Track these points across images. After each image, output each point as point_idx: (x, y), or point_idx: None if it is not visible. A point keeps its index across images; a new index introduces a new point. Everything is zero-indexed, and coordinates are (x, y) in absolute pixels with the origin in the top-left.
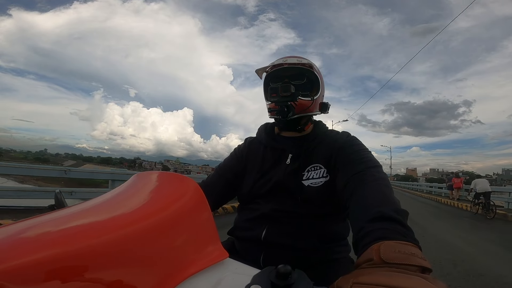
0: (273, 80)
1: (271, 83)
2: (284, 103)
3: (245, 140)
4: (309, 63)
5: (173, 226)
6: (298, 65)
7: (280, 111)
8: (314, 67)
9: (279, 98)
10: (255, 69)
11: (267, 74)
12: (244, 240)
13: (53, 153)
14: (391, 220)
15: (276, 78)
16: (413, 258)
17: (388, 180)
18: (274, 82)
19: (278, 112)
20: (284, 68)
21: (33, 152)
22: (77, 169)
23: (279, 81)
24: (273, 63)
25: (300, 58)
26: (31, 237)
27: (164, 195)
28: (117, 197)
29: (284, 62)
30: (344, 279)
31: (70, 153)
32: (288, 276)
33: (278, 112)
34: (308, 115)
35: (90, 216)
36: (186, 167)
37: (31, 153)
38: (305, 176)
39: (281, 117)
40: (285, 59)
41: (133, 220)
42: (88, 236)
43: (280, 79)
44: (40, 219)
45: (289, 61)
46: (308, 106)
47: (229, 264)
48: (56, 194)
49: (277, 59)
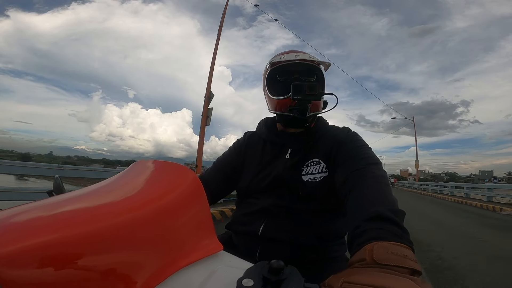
0: (281, 74)
1: (279, 77)
2: (308, 101)
3: (244, 134)
4: (319, 61)
5: (169, 216)
6: (309, 62)
7: (302, 109)
8: (321, 65)
9: (304, 96)
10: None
11: (273, 68)
12: (241, 234)
13: (80, 156)
14: (387, 221)
15: (285, 73)
16: (404, 260)
17: (387, 178)
18: (283, 76)
19: (296, 110)
20: (295, 63)
21: (63, 157)
22: (105, 169)
23: (289, 76)
24: (283, 57)
25: (308, 54)
26: (27, 222)
27: (161, 183)
28: (115, 184)
29: (296, 57)
30: (335, 278)
31: (71, 155)
32: (281, 272)
33: (296, 109)
34: (317, 113)
35: (86, 203)
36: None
37: (60, 157)
38: (304, 171)
39: (300, 115)
40: (297, 54)
41: (129, 207)
42: (83, 222)
43: (289, 74)
44: (37, 204)
45: (302, 57)
46: (319, 105)
47: (223, 257)
48: (55, 179)
49: (287, 52)
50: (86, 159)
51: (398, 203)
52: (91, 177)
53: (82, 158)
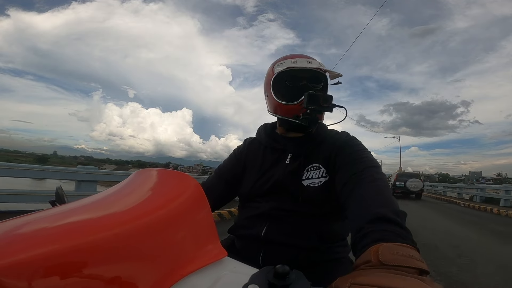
0: (290, 79)
1: (288, 82)
2: (319, 112)
3: (244, 141)
4: (325, 69)
5: (173, 224)
6: (318, 70)
7: (312, 119)
8: (328, 73)
9: (317, 107)
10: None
11: (282, 70)
12: (244, 238)
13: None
14: (390, 222)
15: (293, 78)
16: (411, 260)
17: (387, 181)
18: (291, 81)
19: (305, 119)
20: (305, 69)
21: (79, 157)
22: (122, 173)
23: (298, 81)
24: (295, 61)
25: (318, 61)
26: (30, 232)
27: (164, 192)
28: (117, 193)
29: (308, 64)
30: (342, 280)
31: (70, 155)
32: (286, 276)
33: (305, 119)
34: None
35: (89, 212)
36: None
37: (77, 158)
38: (305, 176)
39: (309, 124)
40: (309, 61)
41: (132, 216)
42: (87, 232)
43: (298, 80)
44: (40, 214)
45: (313, 65)
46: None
47: (227, 263)
48: (57, 189)
49: (297, 57)
50: (101, 160)
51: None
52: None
53: (97, 159)
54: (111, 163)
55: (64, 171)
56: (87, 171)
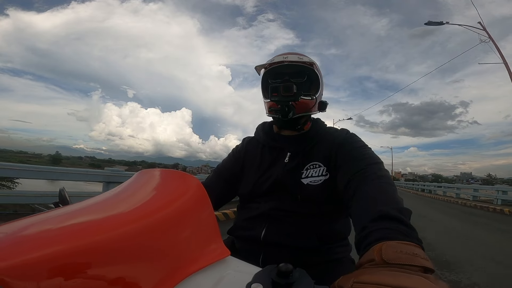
0: (272, 77)
1: (270, 80)
2: (285, 102)
3: (242, 140)
4: (310, 61)
5: (176, 224)
6: (299, 63)
7: (281, 110)
8: (315, 65)
9: (280, 98)
10: (254, 68)
11: (266, 71)
12: (243, 240)
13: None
14: (394, 220)
15: (275, 75)
16: (415, 259)
17: (391, 178)
18: (274, 79)
19: (278, 112)
20: (284, 65)
21: (84, 157)
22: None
23: (279, 78)
24: (272, 59)
25: (301, 55)
26: (34, 234)
27: (166, 192)
28: (120, 194)
29: (284, 59)
30: (345, 278)
31: (70, 155)
32: (290, 275)
33: (278, 111)
34: (308, 114)
35: (92, 213)
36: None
37: (82, 159)
38: (304, 175)
39: (281, 116)
40: (285, 56)
41: (135, 217)
42: (91, 233)
43: (279, 76)
44: (44, 216)
45: (290, 59)
46: (309, 106)
47: (230, 262)
48: (60, 191)
49: (277, 55)
50: (109, 160)
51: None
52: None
53: (106, 160)
54: (121, 164)
55: (93, 173)
56: (115, 173)
